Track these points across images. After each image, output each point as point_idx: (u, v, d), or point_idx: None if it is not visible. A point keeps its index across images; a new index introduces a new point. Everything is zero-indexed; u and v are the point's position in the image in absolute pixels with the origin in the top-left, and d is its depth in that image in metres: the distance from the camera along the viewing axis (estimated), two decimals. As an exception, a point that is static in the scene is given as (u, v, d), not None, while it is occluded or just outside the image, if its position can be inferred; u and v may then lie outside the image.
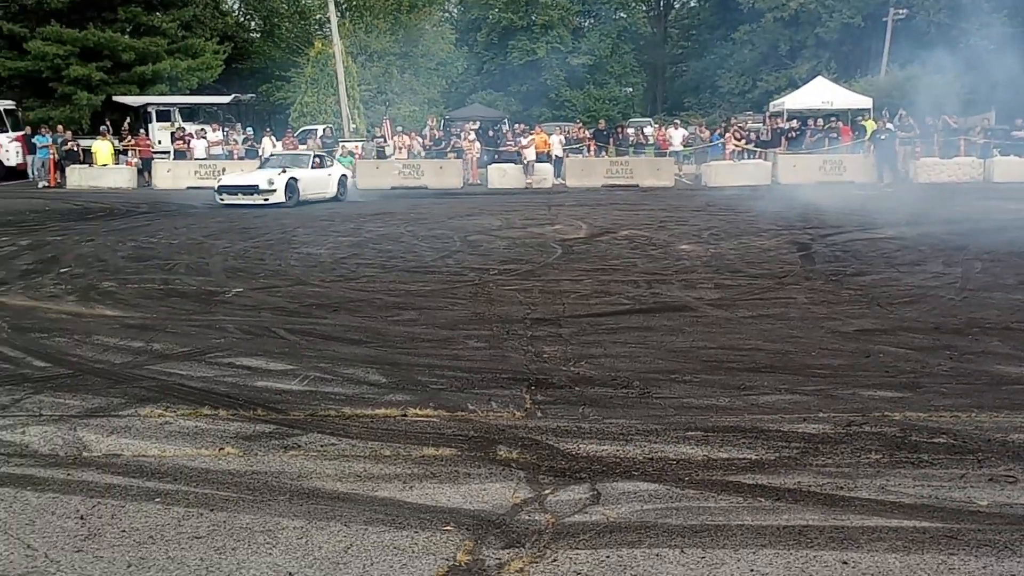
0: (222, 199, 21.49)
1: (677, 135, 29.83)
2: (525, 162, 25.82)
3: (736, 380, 6.54)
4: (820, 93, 31.94)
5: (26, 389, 6.46)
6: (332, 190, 22.79)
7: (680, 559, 3.90)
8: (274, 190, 21.10)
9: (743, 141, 28.33)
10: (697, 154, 29.13)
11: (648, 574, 3.77)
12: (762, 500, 4.48)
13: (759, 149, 28.29)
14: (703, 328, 8.28)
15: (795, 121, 29.83)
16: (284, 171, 21.66)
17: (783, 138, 28.36)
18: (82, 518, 4.37)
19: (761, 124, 33.10)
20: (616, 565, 3.86)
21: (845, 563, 3.85)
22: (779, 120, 30.95)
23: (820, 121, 28.89)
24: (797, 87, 36.46)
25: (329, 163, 23.82)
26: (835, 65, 46.93)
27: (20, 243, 14.63)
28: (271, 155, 24.71)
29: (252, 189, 21.24)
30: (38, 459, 5.13)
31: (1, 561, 3.94)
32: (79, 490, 4.69)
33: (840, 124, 28.74)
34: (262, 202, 21.00)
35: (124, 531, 4.24)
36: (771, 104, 35.19)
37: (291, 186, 21.37)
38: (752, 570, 3.80)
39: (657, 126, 35.33)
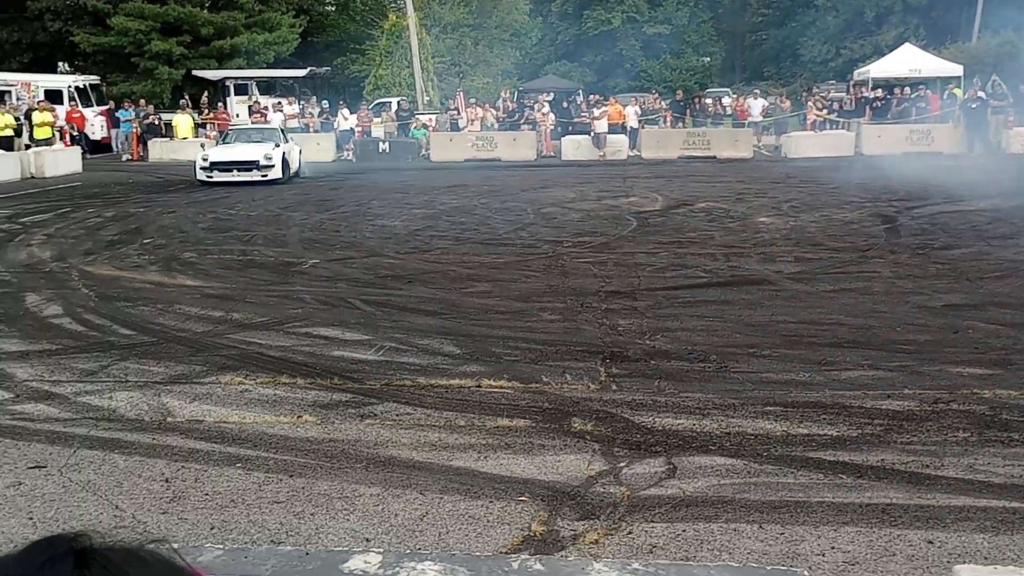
0: (210, 176, 19.72)
1: (756, 105, 29.14)
2: (595, 134, 25.56)
3: (817, 355, 6.39)
4: (907, 60, 30.80)
5: (113, 356, 6.66)
6: (298, 166, 21.75)
7: (758, 534, 3.83)
8: (272, 165, 19.91)
9: (825, 111, 27.55)
10: (777, 125, 28.44)
11: (725, 549, 3.71)
12: (844, 477, 4.37)
13: (842, 119, 27.50)
14: (782, 302, 8.10)
15: (880, 90, 28.88)
16: (277, 146, 20.53)
17: (867, 108, 27.48)
18: (167, 481, 4.49)
19: (844, 93, 32.09)
20: (693, 539, 3.80)
21: (931, 543, 3.73)
22: (863, 89, 30.00)
23: (907, 90, 27.91)
24: (883, 55, 35.23)
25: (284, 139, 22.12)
26: (923, 31, 45.22)
27: (105, 215, 15.07)
28: (231, 129, 23.15)
29: (251, 165, 19.85)
30: (125, 423, 5.29)
31: (91, 521, 4.07)
32: (164, 454, 4.82)
33: (928, 93, 27.73)
34: (260, 178, 19.68)
35: (207, 494, 4.34)
36: (855, 73, 34.09)
37: (285, 161, 20.38)
38: (833, 547, 3.70)
39: (735, 96, 34.55)
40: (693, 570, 2.58)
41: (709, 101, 30.11)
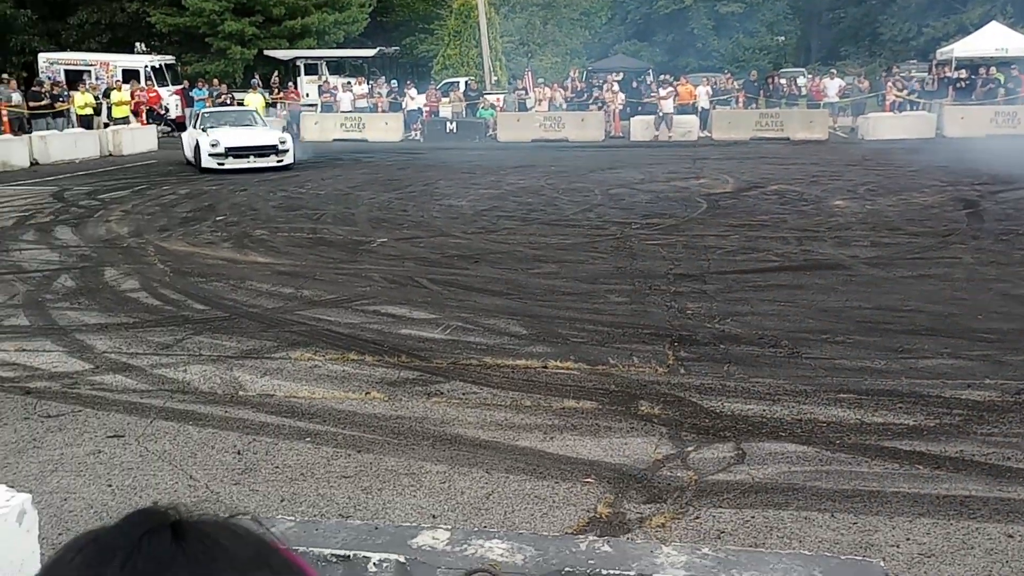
0: (223, 164, 18.34)
1: (833, 85, 28.41)
2: (661, 114, 25.20)
3: (893, 342, 6.21)
4: (993, 39, 29.68)
5: (187, 330, 6.81)
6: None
7: (830, 523, 3.75)
8: (287, 150, 18.94)
9: (905, 92, 26.74)
10: (854, 106, 27.70)
11: (796, 537, 3.64)
12: (920, 468, 4.25)
13: (923, 100, 26.67)
14: (858, 287, 7.90)
15: (964, 70, 27.91)
16: (284, 130, 19.61)
17: (950, 88, 26.60)
18: (239, 453, 4.58)
19: (926, 73, 31.09)
20: (762, 526, 3.74)
21: (1011, 536, 3.61)
22: (946, 69, 29.02)
23: (993, 69, 26.92)
24: (968, 33, 34.04)
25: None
26: (1011, 8, 43.48)
27: (179, 192, 15.41)
28: (208, 113, 21.30)
29: (269, 150, 18.78)
30: (198, 396, 5.41)
31: (167, 490, 4.17)
32: (236, 427, 4.92)
33: (1017, 72, 26.69)
34: (275, 164, 18.58)
35: (277, 467, 4.41)
36: (938, 52, 32.99)
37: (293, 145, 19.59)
38: (908, 539, 3.61)
39: (811, 76, 33.75)
40: (764, 557, 2.52)
41: (783, 81, 29.45)
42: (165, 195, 15.05)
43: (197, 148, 18.71)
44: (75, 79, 29.00)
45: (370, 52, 37.62)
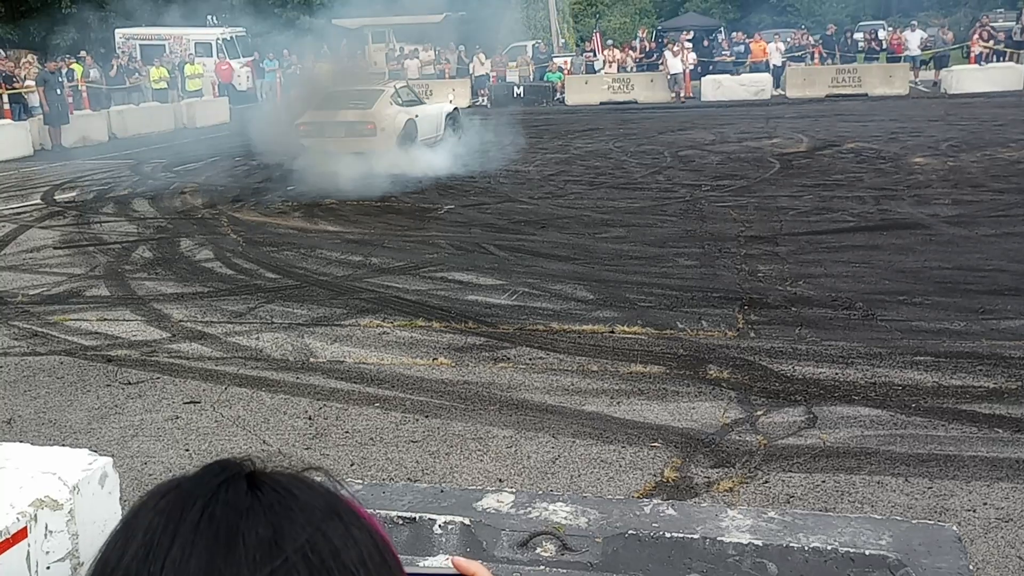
0: None
1: (914, 38, 27.36)
2: (670, 75, 24.69)
3: (974, 303, 6.01)
4: (1086, -17, 28.24)
5: (259, 298, 6.95)
6: None
7: (904, 488, 3.66)
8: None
9: (992, 42, 25.64)
10: (937, 59, 26.67)
11: (867, 501, 3.57)
12: (1000, 431, 4.12)
13: (1010, 50, 25.54)
14: (937, 247, 7.65)
15: (1053, 17, 26.62)
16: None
17: (1038, 37, 25.43)
18: (310, 419, 4.67)
19: (1014, 23, 29.75)
20: (833, 490, 3.68)
21: (1097, 504, 3.48)
22: (1034, 17, 27.71)
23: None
24: (1057, -22, 32.41)
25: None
26: (1104, -49, 41.25)
27: (251, 163, 15.65)
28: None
29: None
30: (270, 363, 5.52)
31: (241, 454, 4.28)
32: (307, 392, 5.01)
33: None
34: None
35: (347, 432, 4.49)
36: (1025, -1, 31.55)
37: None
38: (985, 503, 3.51)
39: (891, 29, 32.58)
40: (832, 520, 2.47)
41: (860, 36, 28.49)
42: (237, 167, 15.31)
43: None
44: (151, 53, 29.64)
45: (437, 18, 37.53)
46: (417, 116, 14.60)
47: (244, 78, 30.23)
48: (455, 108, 17.80)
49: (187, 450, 4.37)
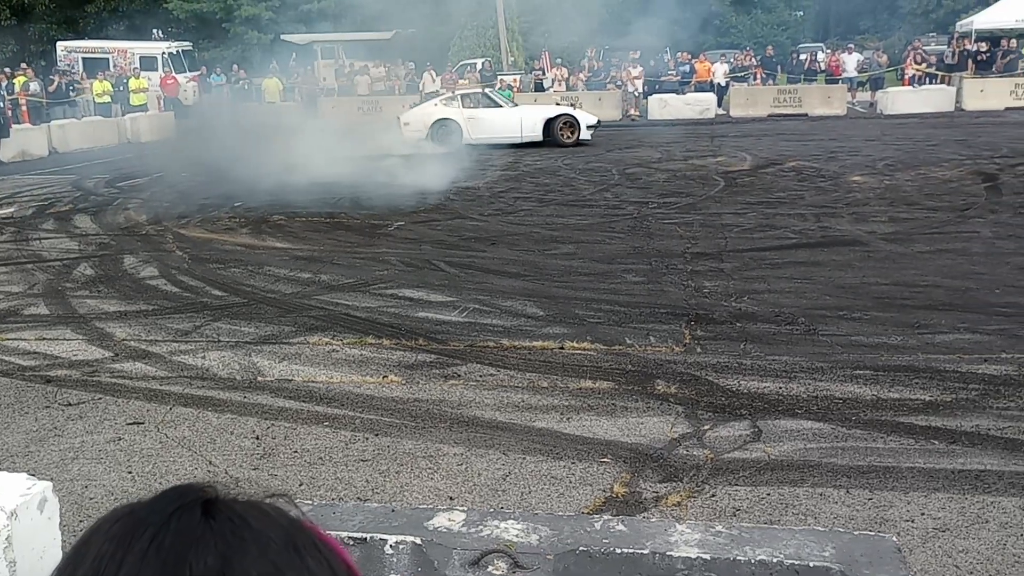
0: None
1: (851, 60, 28.08)
2: (630, 91, 25.14)
3: (910, 318, 6.19)
4: (1014, 10, 29.19)
5: (205, 316, 6.87)
6: None
7: (845, 499, 3.75)
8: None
9: (924, 65, 26.42)
10: (873, 80, 27.40)
11: (811, 513, 3.65)
12: (936, 443, 4.24)
13: (942, 73, 26.34)
14: (875, 263, 7.86)
15: (984, 43, 27.51)
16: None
17: (970, 61, 26.24)
18: (258, 438, 4.63)
19: (946, 46, 30.68)
20: (777, 503, 3.75)
21: (1028, 512, 3.60)
22: (966, 42, 28.63)
23: (1014, 42, 26.52)
24: (988, 4, 33.53)
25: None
26: (1032, -22, 42.76)
27: (197, 179, 15.45)
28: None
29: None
30: (217, 382, 5.46)
31: (186, 476, 4.23)
32: (254, 412, 4.97)
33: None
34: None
35: (296, 451, 4.46)
36: (957, 24, 32.54)
37: None
38: (923, 513, 3.61)
39: (829, 51, 33.36)
40: (777, 533, 2.53)
41: (803, 57, 29.16)
42: (183, 182, 15.11)
43: None
44: (93, 67, 29.15)
45: (387, 34, 37.51)
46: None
47: (191, 93, 29.86)
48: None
49: (130, 472, 4.30)
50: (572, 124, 18.93)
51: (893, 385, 4.98)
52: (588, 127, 18.90)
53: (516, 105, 20.75)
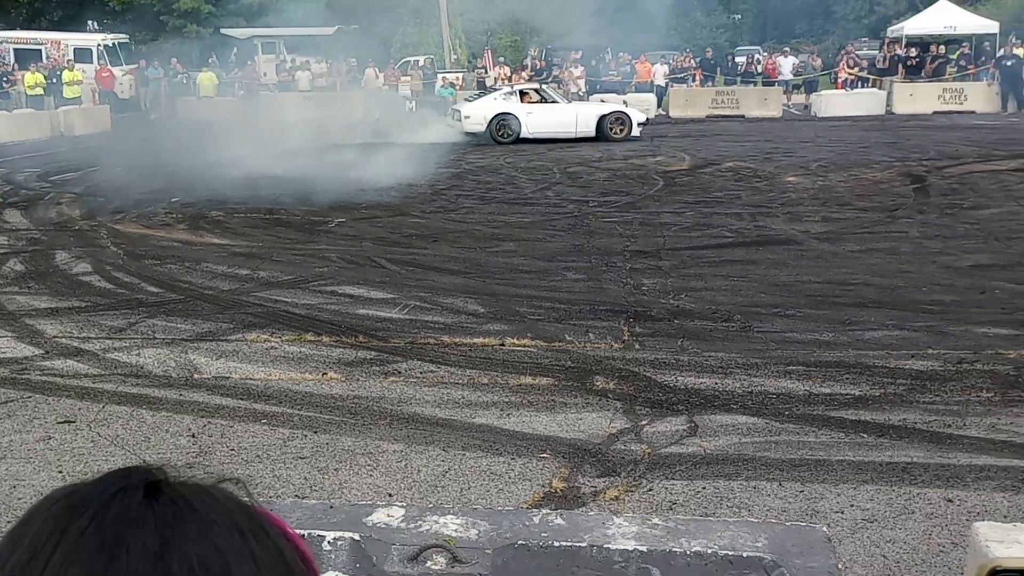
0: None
1: (787, 63, 28.65)
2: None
3: (842, 315, 6.35)
4: (942, 17, 30.07)
5: (140, 313, 6.75)
6: None
7: (778, 492, 3.84)
8: None
9: (857, 69, 27.07)
10: (807, 83, 27.98)
11: (745, 506, 3.73)
12: (865, 436, 4.36)
13: (874, 77, 27.02)
14: (808, 262, 8.04)
15: (914, 48, 28.28)
16: None
17: (900, 66, 26.97)
18: (194, 436, 4.57)
19: (877, 51, 31.46)
20: (712, 496, 3.83)
21: (950, 501, 3.73)
22: (897, 47, 29.40)
23: (942, 47, 27.32)
24: (918, 11, 34.45)
25: None
26: (960, -13, 44.04)
27: (133, 173, 15.13)
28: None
29: None
30: (152, 380, 5.37)
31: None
32: (190, 410, 4.90)
33: (966, 50, 27.11)
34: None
35: (233, 449, 4.42)
36: (889, 30, 33.39)
37: None
38: (852, 505, 3.71)
39: (766, 54, 33.97)
40: (712, 525, 2.59)
41: (741, 60, 29.65)
42: (118, 176, 14.77)
43: None
44: (26, 58, 28.34)
45: (329, 31, 37.12)
46: None
47: (127, 86, 29.22)
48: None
49: (60, 472, 4.21)
50: (624, 121, 19.26)
51: (825, 380, 5.11)
52: (639, 124, 19.28)
53: (572, 101, 21.28)
